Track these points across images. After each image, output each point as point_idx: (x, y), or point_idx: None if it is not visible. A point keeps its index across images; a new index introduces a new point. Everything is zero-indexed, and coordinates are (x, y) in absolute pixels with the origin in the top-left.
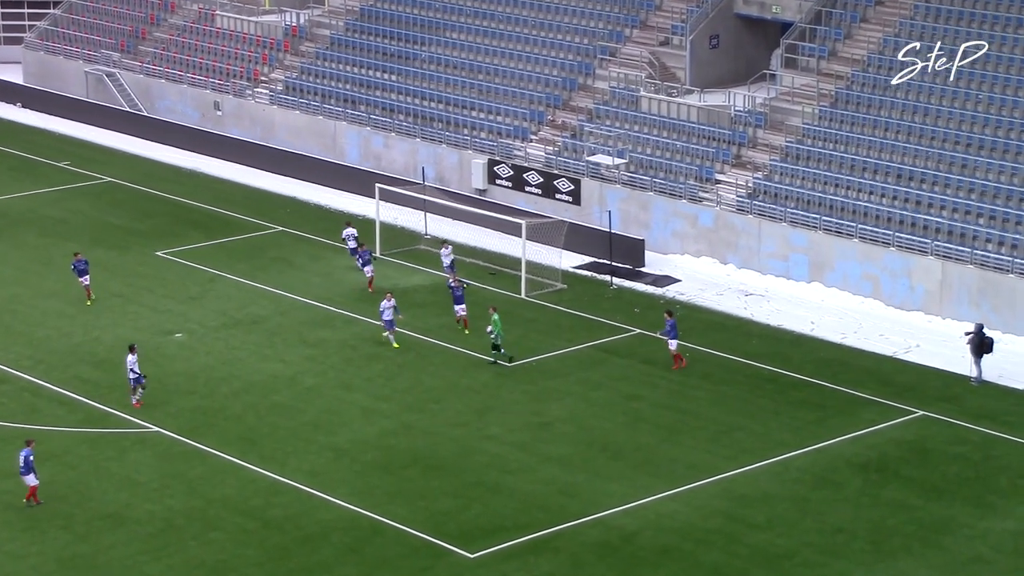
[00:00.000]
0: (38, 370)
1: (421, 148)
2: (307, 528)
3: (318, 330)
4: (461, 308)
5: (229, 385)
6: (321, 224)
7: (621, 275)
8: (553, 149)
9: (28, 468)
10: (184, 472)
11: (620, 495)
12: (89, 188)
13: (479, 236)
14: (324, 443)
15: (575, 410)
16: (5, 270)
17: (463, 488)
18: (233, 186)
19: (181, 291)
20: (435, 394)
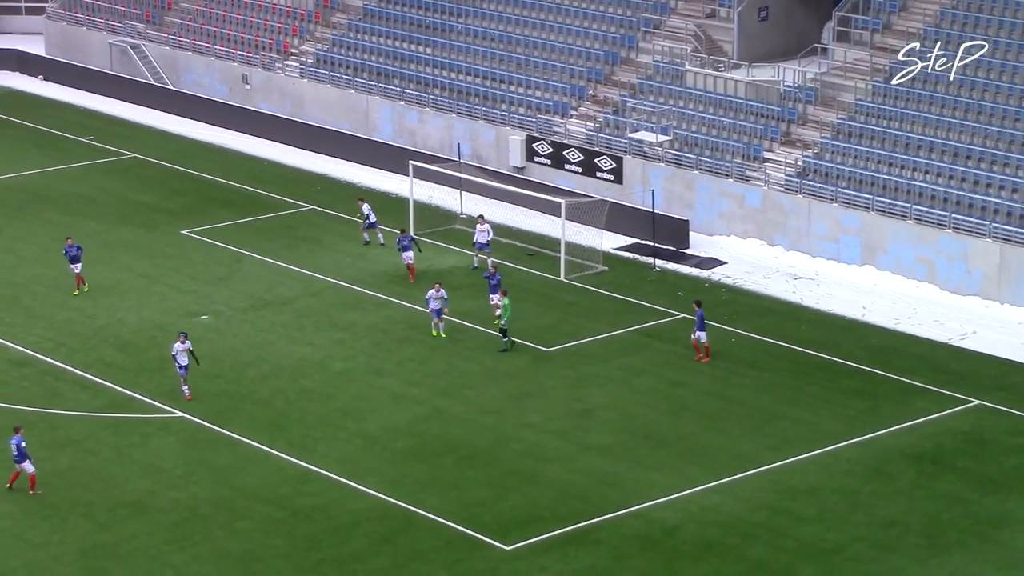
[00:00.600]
0: (60, 353)
1: (457, 124)
2: (337, 518)
3: (348, 312)
4: (497, 297)
5: (257, 369)
6: (353, 203)
7: (664, 257)
8: (594, 125)
9: (22, 455)
10: (210, 459)
11: (662, 486)
12: (113, 164)
13: (516, 216)
14: (354, 430)
15: (616, 397)
16: (26, 248)
17: (499, 477)
18: (262, 163)
19: (208, 271)
20: (470, 379)
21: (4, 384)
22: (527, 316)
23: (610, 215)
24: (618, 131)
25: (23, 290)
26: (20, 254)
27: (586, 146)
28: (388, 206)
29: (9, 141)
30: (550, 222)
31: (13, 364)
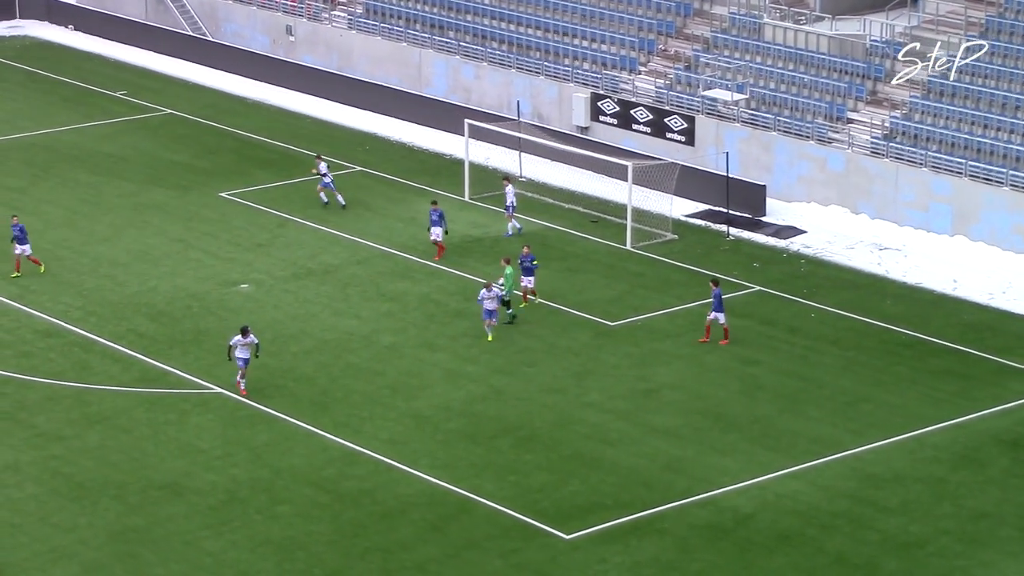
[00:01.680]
0: (89, 323)
1: (516, 80)
2: (384, 503)
3: (398, 282)
4: (528, 280)
5: (299, 343)
6: (403, 164)
7: (739, 225)
8: (664, 83)
9: None
10: (249, 438)
11: (734, 472)
12: (147, 121)
13: (580, 179)
14: (404, 409)
15: (685, 376)
16: (53, 211)
17: (558, 461)
18: (306, 120)
19: (247, 237)
20: (528, 356)
21: (30, 356)
22: (590, 288)
23: (680, 179)
24: (690, 89)
25: (50, 255)
26: (46, 217)
27: (655, 105)
28: (441, 168)
29: (35, 96)
30: (616, 186)
31: (39, 334)
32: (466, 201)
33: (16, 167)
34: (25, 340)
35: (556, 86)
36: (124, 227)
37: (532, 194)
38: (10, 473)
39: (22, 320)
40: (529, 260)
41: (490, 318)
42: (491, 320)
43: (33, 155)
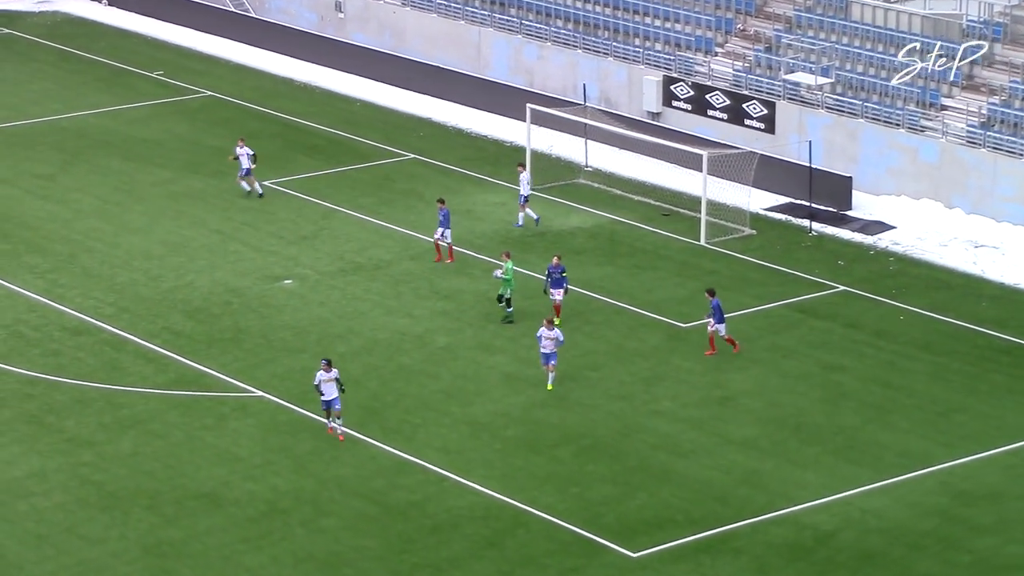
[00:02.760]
0: (121, 320)
1: (582, 61)
2: (436, 516)
3: (454, 279)
4: (558, 294)
5: (346, 343)
6: (460, 151)
7: (823, 220)
8: (743, 65)
9: None
10: (292, 446)
11: (815, 487)
12: (185, 103)
13: (650, 169)
14: (459, 415)
15: (763, 382)
16: (83, 200)
17: (625, 473)
18: (355, 104)
19: (291, 229)
20: (593, 359)
21: (58, 355)
22: (661, 287)
23: (759, 170)
24: (771, 72)
25: (80, 247)
26: (76, 206)
27: (733, 89)
28: (500, 157)
29: (66, 75)
30: (689, 177)
31: (68, 332)
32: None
33: (45, 152)
34: (53, 338)
35: (625, 68)
36: (159, 217)
37: (599, 185)
38: (36, 481)
39: (50, 316)
40: (559, 272)
41: (548, 362)
42: (551, 365)
43: (63, 140)
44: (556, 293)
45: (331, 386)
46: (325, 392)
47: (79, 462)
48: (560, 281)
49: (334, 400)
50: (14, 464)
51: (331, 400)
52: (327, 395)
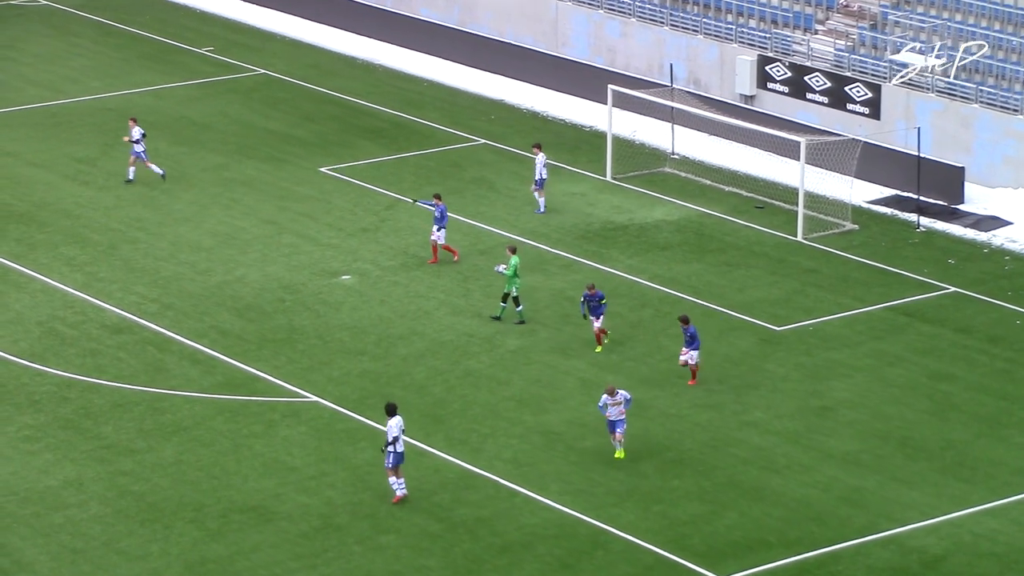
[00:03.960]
0: (166, 318)
1: (669, 39)
2: (506, 534)
3: (527, 275)
4: (597, 321)
5: (409, 345)
6: (535, 136)
7: (932, 214)
8: (845, 44)
9: None
10: (349, 456)
11: (922, 506)
12: (237, 82)
13: (743, 158)
14: (531, 424)
15: (865, 392)
16: (126, 187)
17: (713, 490)
18: (421, 84)
19: (351, 220)
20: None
21: (96, 355)
22: (753, 286)
23: (863, 159)
24: (876, 52)
25: (122, 238)
26: (119, 193)
27: (834, 70)
28: (579, 142)
29: (108, 52)
30: (786, 166)
31: (108, 330)
32: (608, 181)
33: (85, 134)
34: (91, 336)
35: (717, 47)
36: (208, 206)
37: (686, 174)
38: (72, 491)
39: (88, 313)
40: (597, 299)
41: (616, 431)
42: (619, 433)
43: (104, 121)
44: (597, 322)
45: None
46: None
47: (118, 471)
48: (598, 309)
49: (403, 454)
50: (48, 473)
51: (402, 452)
52: (399, 446)
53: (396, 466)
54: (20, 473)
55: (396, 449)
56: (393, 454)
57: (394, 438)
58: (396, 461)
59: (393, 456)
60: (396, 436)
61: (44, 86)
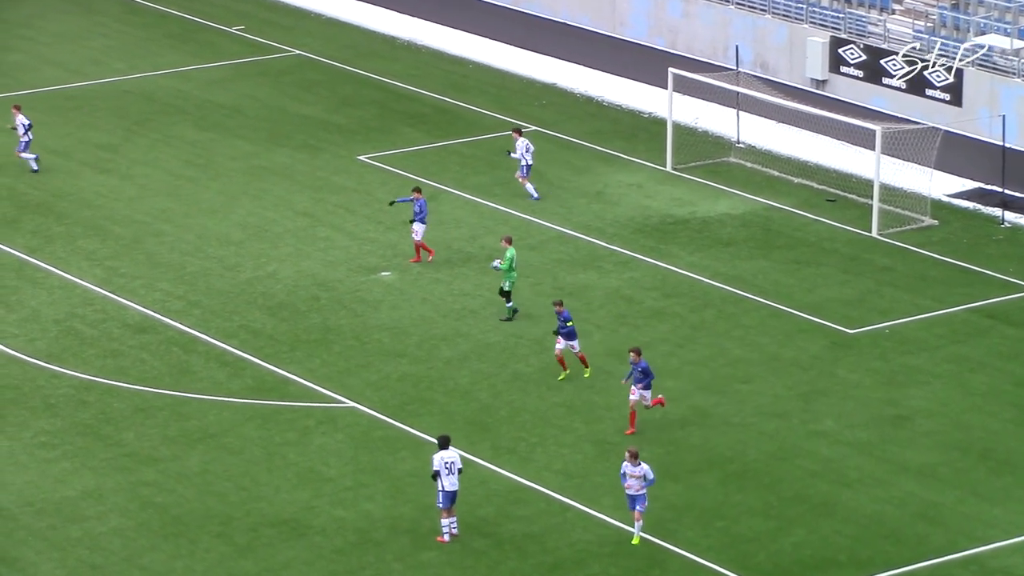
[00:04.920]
0: (192, 316)
1: (735, 19)
2: (556, 552)
3: (580, 272)
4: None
5: (453, 347)
6: (590, 123)
7: (1017, 208)
8: (925, 25)
9: None
10: (388, 466)
11: (1005, 524)
12: (269, 64)
13: (814, 147)
14: (584, 433)
15: (945, 400)
16: (151, 175)
17: (780, 505)
18: (468, 66)
19: (391, 212)
20: (744, 370)
21: (118, 355)
22: (824, 285)
23: (943, 149)
24: (958, 33)
25: (146, 230)
26: (142, 182)
27: (913, 53)
28: (637, 130)
29: (132, 31)
30: (860, 157)
31: (130, 329)
32: (668, 172)
33: (106, 119)
34: (112, 336)
35: (786, 28)
36: (238, 196)
37: (752, 165)
38: (91, 502)
39: (109, 311)
40: (563, 319)
41: (635, 507)
42: (637, 511)
43: (127, 105)
44: (569, 344)
45: (454, 476)
46: (448, 482)
47: (140, 481)
48: (570, 332)
49: (455, 493)
50: (65, 482)
51: (455, 491)
52: (452, 485)
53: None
54: (35, 482)
55: (443, 487)
56: (441, 492)
57: (435, 472)
58: (443, 501)
59: (440, 495)
60: (437, 471)
61: (63, 67)
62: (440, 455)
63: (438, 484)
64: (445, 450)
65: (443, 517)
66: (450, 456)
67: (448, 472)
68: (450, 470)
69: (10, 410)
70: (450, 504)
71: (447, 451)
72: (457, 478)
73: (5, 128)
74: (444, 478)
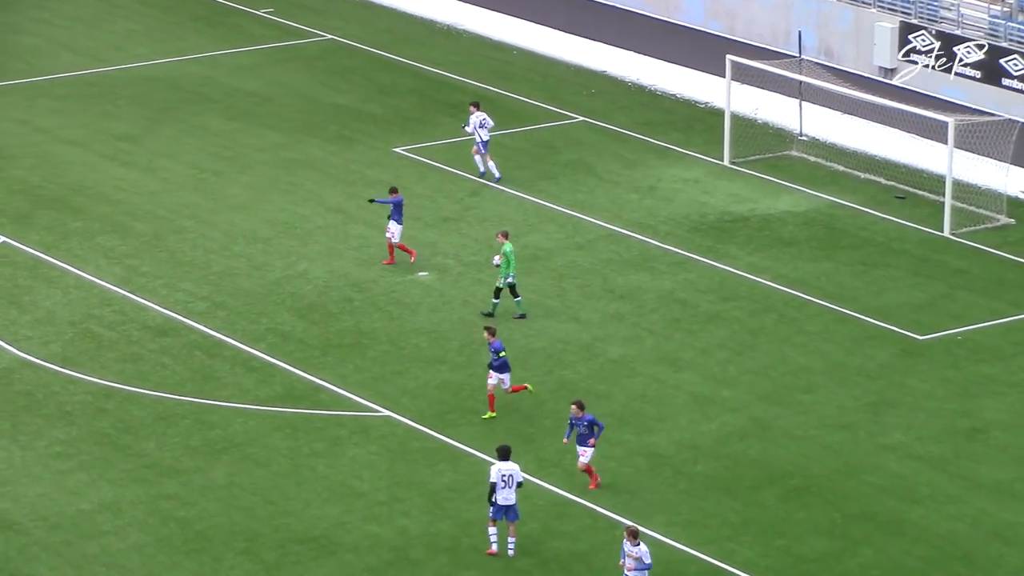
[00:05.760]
0: (217, 318)
1: (797, 2)
2: (605, 572)
3: (632, 273)
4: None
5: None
6: (642, 113)
7: None
8: (1001, 10)
9: None
10: (426, 479)
11: None
12: (300, 49)
13: (882, 140)
14: (635, 446)
15: (1022, 411)
16: (174, 168)
17: (845, 523)
18: (512, 52)
19: (430, 208)
20: (806, 378)
21: (138, 360)
22: (893, 288)
23: (1020, 142)
24: None
25: (168, 227)
26: (165, 175)
27: (988, 39)
28: (692, 121)
29: (155, 14)
30: (931, 151)
31: (151, 332)
32: (726, 166)
33: (127, 109)
34: (132, 339)
35: (852, 12)
36: (266, 191)
37: (816, 159)
38: (109, 516)
39: (128, 312)
40: (495, 350)
41: None
42: None
43: (149, 92)
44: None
45: (511, 491)
46: (504, 496)
47: (161, 494)
48: (502, 365)
49: (513, 507)
50: (81, 495)
51: (511, 505)
52: (508, 499)
53: (495, 518)
54: (49, 495)
55: (495, 500)
56: (493, 506)
57: (492, 484)
58: (496, 513)
59: (492, 508)
60: (494, 483)
61: (81, 52)
62: (498, 466)
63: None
64: (504, 461)
65: (491, 525)
66: (509, 468)
67: (504, 485)
68: (507, 483)
69: (23, 418)
70: (500, 517)
71: (506, 463)
72: (514, 492)
73: (22, 117)
74: (499, 491)
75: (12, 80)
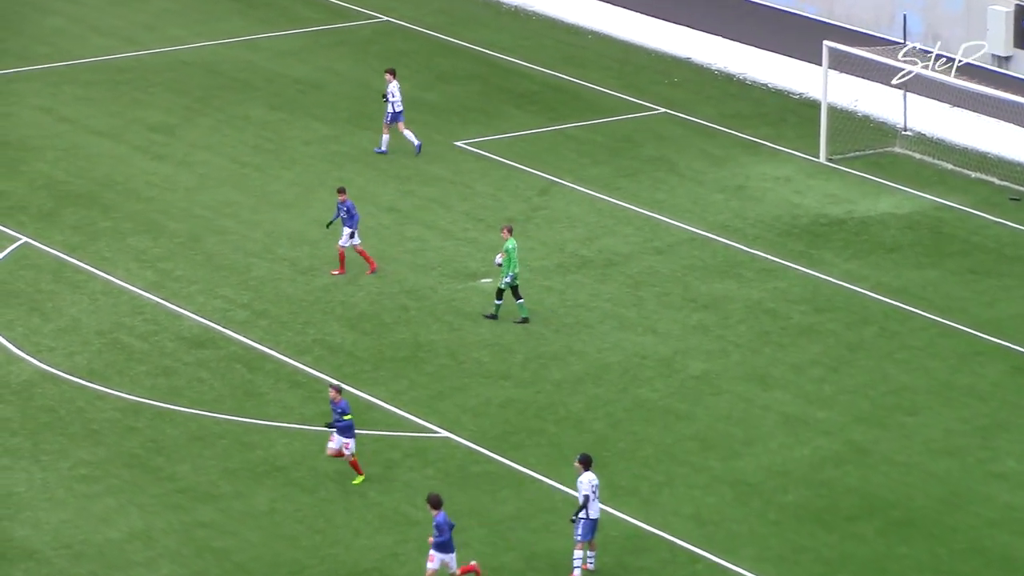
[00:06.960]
0: (258, 328)
1: None
2: None
3: (717, 281)
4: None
5: (565, 367)
6: (729, 104)
7: None
8: None
9: None
10: (487, 507)
11: None
12: (351, 32)
13: (995, 136)
14: (719, 472)
15: None
16: (214, 161)
17: (952, 557)
18: (585, 36)
19: (495, 207)
20: (909, 398)
21: (171, 374)
22: (1007, 299)
23: None
24: None
25: (207, 227)
26: (203, 170)
27: None
28: (785, 113)
29: None
30: None
31: (186, 343)
32: (822, 163)
33: (162, 96)
34: (166, 351)
35: None
36: (314, 187)
37: (921, 156)
38: (139, 544)
39: (162, 322)
40: (339, 411)
41: None
42: None
43: (186, 79)
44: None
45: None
46: (593, 510)
47: (196, 521)
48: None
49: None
50: (109, 522)
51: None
52: (595, 512)
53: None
54: (74, 522)
55: (589, 515)
56: (584, 522)
57: (585, 497)
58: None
59: (583, 525)
60: (587, 495)
61: (112, 35)
62: (588, 476)
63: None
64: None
65: (578, 548)
66: (595, 478)
67: (595, 497)
68: (596, 494)
69: (46, 436)
70: (590, 536)
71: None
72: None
73: (46, 105)
74: (591, 504)
75: (35, 65)
